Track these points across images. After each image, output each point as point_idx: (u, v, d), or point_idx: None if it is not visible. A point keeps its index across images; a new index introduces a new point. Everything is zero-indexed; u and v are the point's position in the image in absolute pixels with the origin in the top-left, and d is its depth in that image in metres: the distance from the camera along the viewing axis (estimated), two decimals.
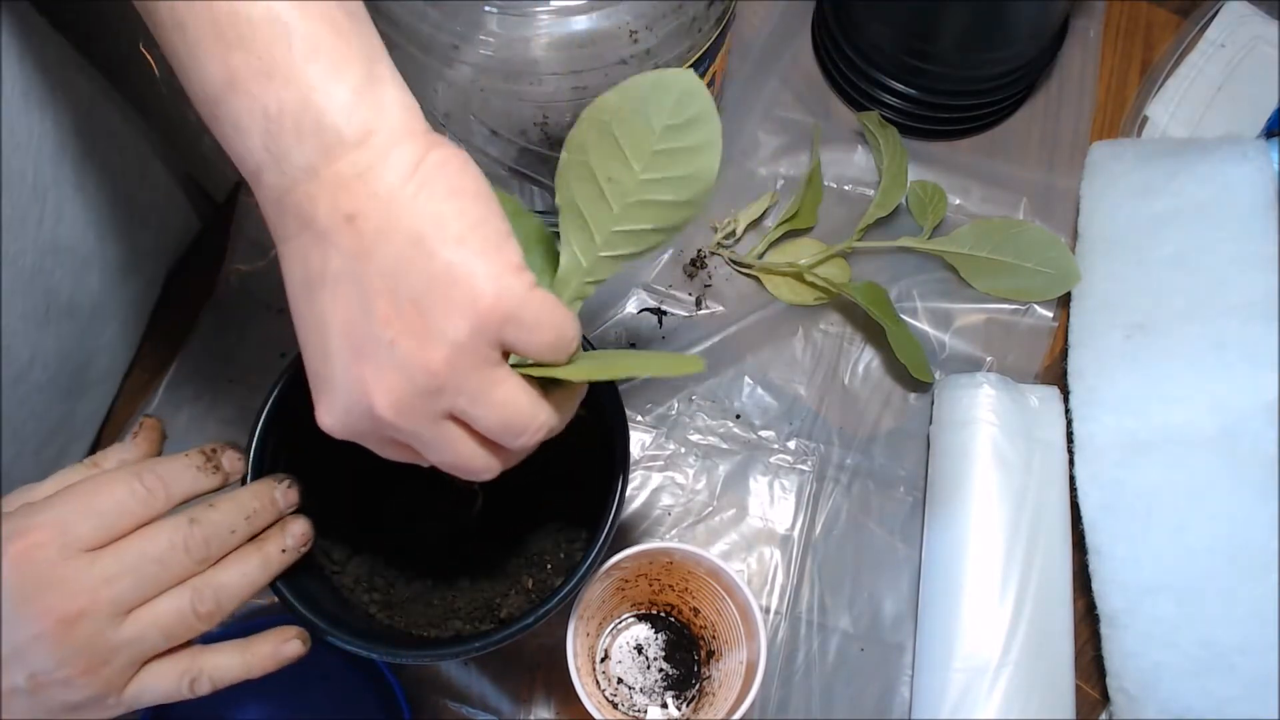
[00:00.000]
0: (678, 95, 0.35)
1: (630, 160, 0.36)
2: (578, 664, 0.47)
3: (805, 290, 0.62)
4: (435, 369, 0.33)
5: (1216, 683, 0.50)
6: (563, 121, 0.50)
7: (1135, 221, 0.60)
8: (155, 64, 0.36)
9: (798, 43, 0.69)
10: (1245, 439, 0.52)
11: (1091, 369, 0.57)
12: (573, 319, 0.36)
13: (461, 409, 0.34)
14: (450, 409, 0.34)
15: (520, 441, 0.35)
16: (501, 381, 0.34)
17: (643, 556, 0.48)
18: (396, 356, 0.33)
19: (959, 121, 0.65)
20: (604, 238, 0.37)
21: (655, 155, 0.35)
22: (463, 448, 0.35)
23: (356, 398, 0.34)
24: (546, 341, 0.34)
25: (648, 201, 0.36)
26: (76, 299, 0.51)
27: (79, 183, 0.49)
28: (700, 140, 0.35)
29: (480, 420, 0.34)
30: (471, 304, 0.32)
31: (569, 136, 0.36)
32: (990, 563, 0.52)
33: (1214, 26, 0.69)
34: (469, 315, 0.33)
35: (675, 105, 0.35)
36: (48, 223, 0.47)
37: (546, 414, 0.36)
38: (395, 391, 0.33)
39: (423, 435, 0.34)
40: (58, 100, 0.47)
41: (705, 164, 0.36)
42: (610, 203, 0.37)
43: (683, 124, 0.35)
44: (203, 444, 0.42)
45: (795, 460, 0.59)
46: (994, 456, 0.54)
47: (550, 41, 0.46)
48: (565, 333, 0.35)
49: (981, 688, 0.50)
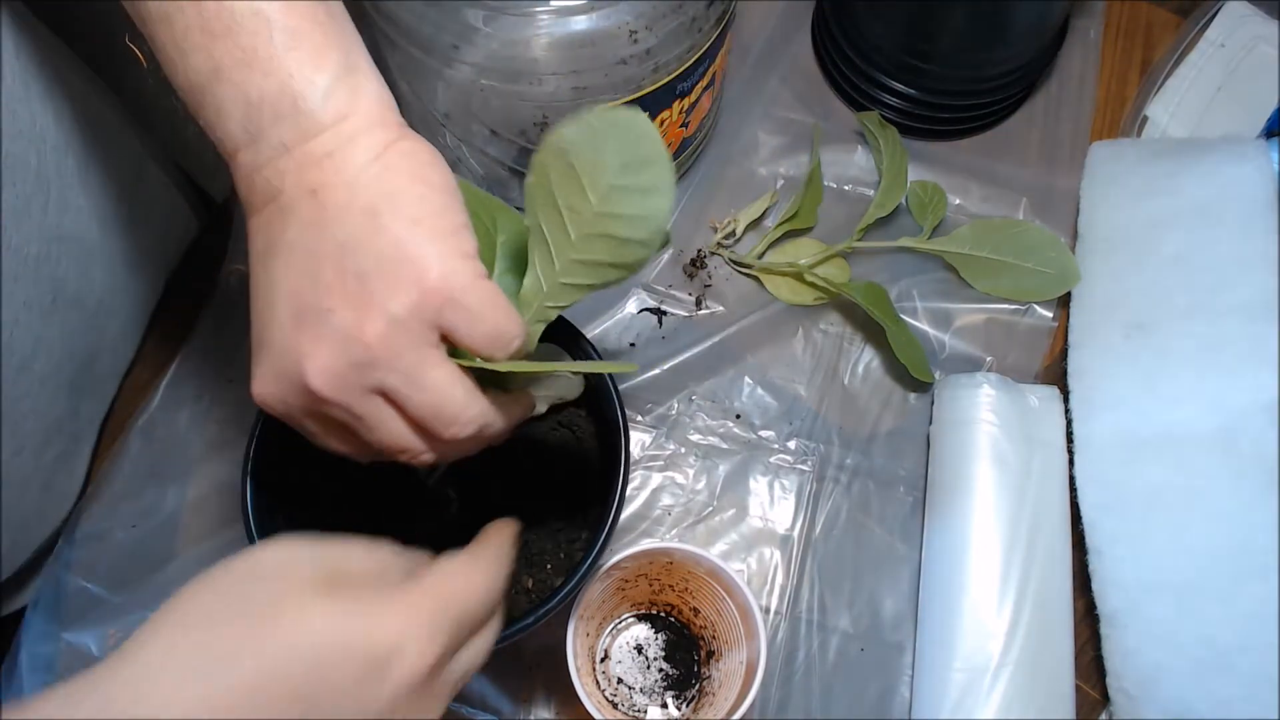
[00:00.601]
0: (630, 137, 0.35)
1: (587, 192, 0.36)
2: (578, 664, 0.47)
3: (805, 290, 0.62)
4: (370, 341, 0.33)
5: (1216, 683, 0.50)
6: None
7: (1135, 221, 0.60)
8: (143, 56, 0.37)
9: (798, 43, 0.69)
10: (1245, 439, 0.52)
11: (1091, 369, 0.57)
12: (517, 318, 0.36)
13: (393, 386, 0.34)
14: (381, 385, 0.34)
15: (451, 431, 0.35)
16: (436, 365, 0.35)
17: (643, 556, 0.48)
18: (334, 325, 0.33)
19: (959, 121, 0.65)
20: (563, 264, 0.38)
21: (610, 190, 0.35)
22: (394, 426, 0.35)
23: (290, 364, 0.34)
24: (485, 332, 0.35)
25: (603, 235, 0.36)
26: (82, 291, 0.51)
27: (82, 175, 0.50)
28: (652, 182, 0.35)
29: (411, 401, 0.35)
30: (415, 281, 0.33)
31: (534, 158, 0.36)
32: (990, 563, 0.52)
33: (1214, 26, 0.69)
34: (411, 292, 0.33)
35: (628, 146, 0.35)
36: (52, 211, 0.47)
37: (480, 408, 0.36)
38: (329, 360, 0.34)
39: (353, 409, 0.35)
40: (56, 93, 0.48)
41: (657, 205, 0.36)
42: (569, 230, 0.37)
43: (635, 163, 0.35)
44: (202, 442, 0.42)
45: (795, 460, 0.59)
46: (994, 456, 0.54)
47: (550, 41, 0.46)
48: (505, 328, 0.35)
49: (981, 688, 0.50)
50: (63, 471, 0.55)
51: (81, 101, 0.49)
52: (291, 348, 0.34)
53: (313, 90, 0.34)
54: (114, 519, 0.57)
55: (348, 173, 0.34)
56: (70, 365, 0.52)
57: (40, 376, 0.49)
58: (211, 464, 0.58)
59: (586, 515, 0.49)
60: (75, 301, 0.51)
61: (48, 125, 0.47)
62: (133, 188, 0.55)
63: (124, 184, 0.54)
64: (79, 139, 0.49)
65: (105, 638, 0.54)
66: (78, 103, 0.49)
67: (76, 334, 0.52)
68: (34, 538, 0.55)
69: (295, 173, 0.34)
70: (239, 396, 0.59)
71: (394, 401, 0.35)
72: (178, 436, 0.58)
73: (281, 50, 0.33)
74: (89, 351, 0.54)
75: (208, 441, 0.58)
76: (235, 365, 0.60)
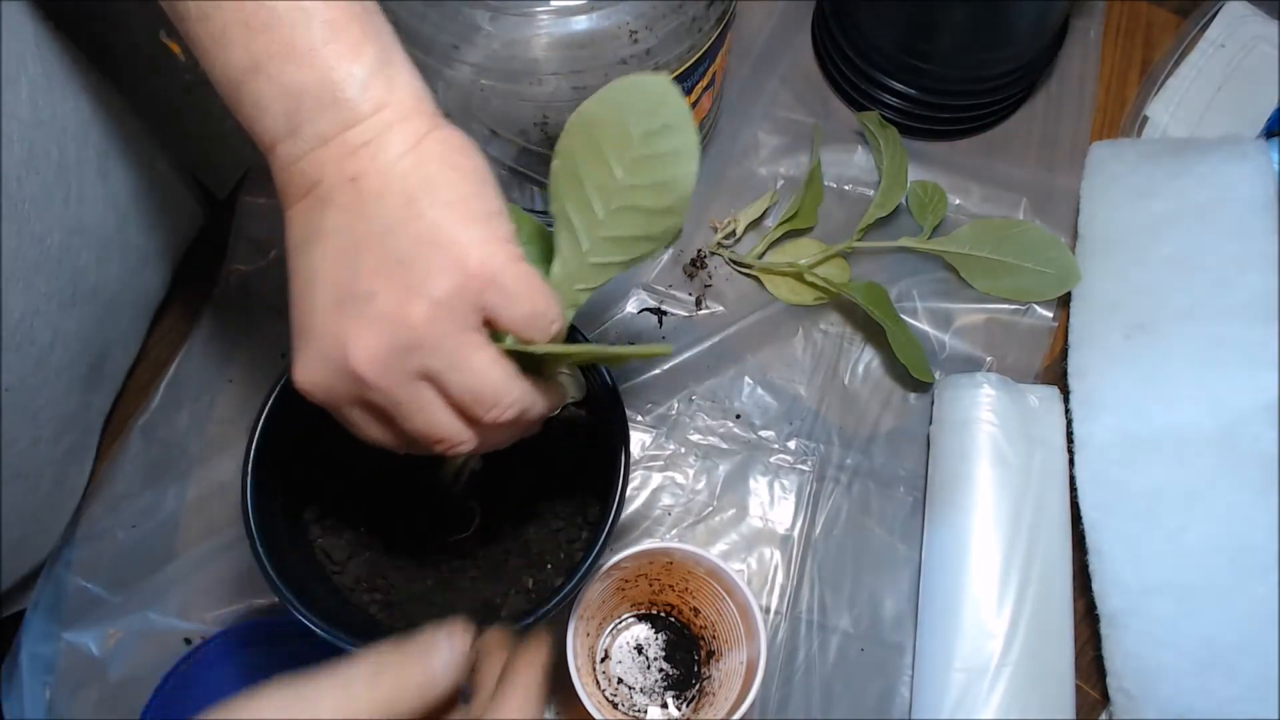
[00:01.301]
0: (653, 101, 0.36)
1: (613, 165, 0.36)
2: (578, 664, 0.47)
3: (805, 290, 0.62)
4: (414, 324, 0.34)
5: (1217, 683, 0.50)
6: (562, 121, 0.50)
7: (1135, 221, 0.60)
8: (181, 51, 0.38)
9: (798, 43, 0.69)
10: (1245, 439, 0.52)
11: (1091, 369, 0.57)
12: (554, 300, 0.36)
13: (437, 370, 0.35)
14: (425, 368, 0.35)
15: (493, 414, 0.36)
16: (479, 348, 0.35)
17: (643, 556, 0.48)
18: (378, 309, 0.34)
19: (959, 121, 0.65)
20: (591, 244, 0.38)
21: (635, 161, 0.36)
22: (436, 414, 0.36)
23: (334, 349, 0.34)
24: (525, 312, 0.35)
25: (630, 207, 0.37)
26: (99, 284, 0.51)
27: (100, 167, 0.50)
28: (676, 146, 0.36)
29: (454, 384, 0.35)
30: (456, 264, 0.34)
31: (558, 143, 0.37)
32: (990, 563, 0.52)
33: (1214, 26, 0.69)
34: (453, 275, 0.34)
35: (651, 111, 0.36)
36: (73, 202, 0.48)
37: (521, 390, 0.36)
38: (373, 344, 0.34)
39: (396, 394, 0.35)
40: (75, 85, 0.48)
41: (682, 171, 0.36)
42: (596, 208, 0.37)
43: (659, 129, 0.36)
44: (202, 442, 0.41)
45: (795, 460, 0.59)
46: (994, 456, 0.54)
47: (550, 41, 0.46)
48: (544, 310, 0.36)
49: (981, 688, 0.50)
50: (74, 465, 0.55)
51: (97, 93, 0.50)
52: (335, 333, 0.34)
53: (351, 82, 0.34)
54: (114, 519, 0.57)
55: (384, 160, 0.34)
56: (85, 358, 0.52)
57: (57, 369, 0.49)
58: (211, 464, 0.58)
59: (586, 515, 0.49)
60: (93, 294, 0.51)
61: (68, 116, 0.47)
62: (147, 180, 0.55)
63: (139, 176, 0.54)
64: (97, 130, 0.50)
65: (105, 638, 0.54)
66: (94, 94, 0.49)
67: (92, 327, 0.52)
68: (46, 536, 0.55)
69: (334, 162, 0.34)
70: (239, 396, 0.59)
71: (437, 386, 0.35)
72: (178, 436, 0.58)
73: (320, 43, 0.34)
74: (103, 345, 0.54)
75: (208, 441, 0.58)
76: (235, 365, 0.60)
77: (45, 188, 0.45)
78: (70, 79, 0.47)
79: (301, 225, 0.36)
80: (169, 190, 0.58)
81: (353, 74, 0.34)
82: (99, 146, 0.50)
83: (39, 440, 0.49)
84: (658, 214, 0.37)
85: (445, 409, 0.36)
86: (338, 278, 0.34)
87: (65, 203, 0.47)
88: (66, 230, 0.47)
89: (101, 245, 0.51)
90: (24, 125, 0.43)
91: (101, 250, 0.51)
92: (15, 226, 0.43)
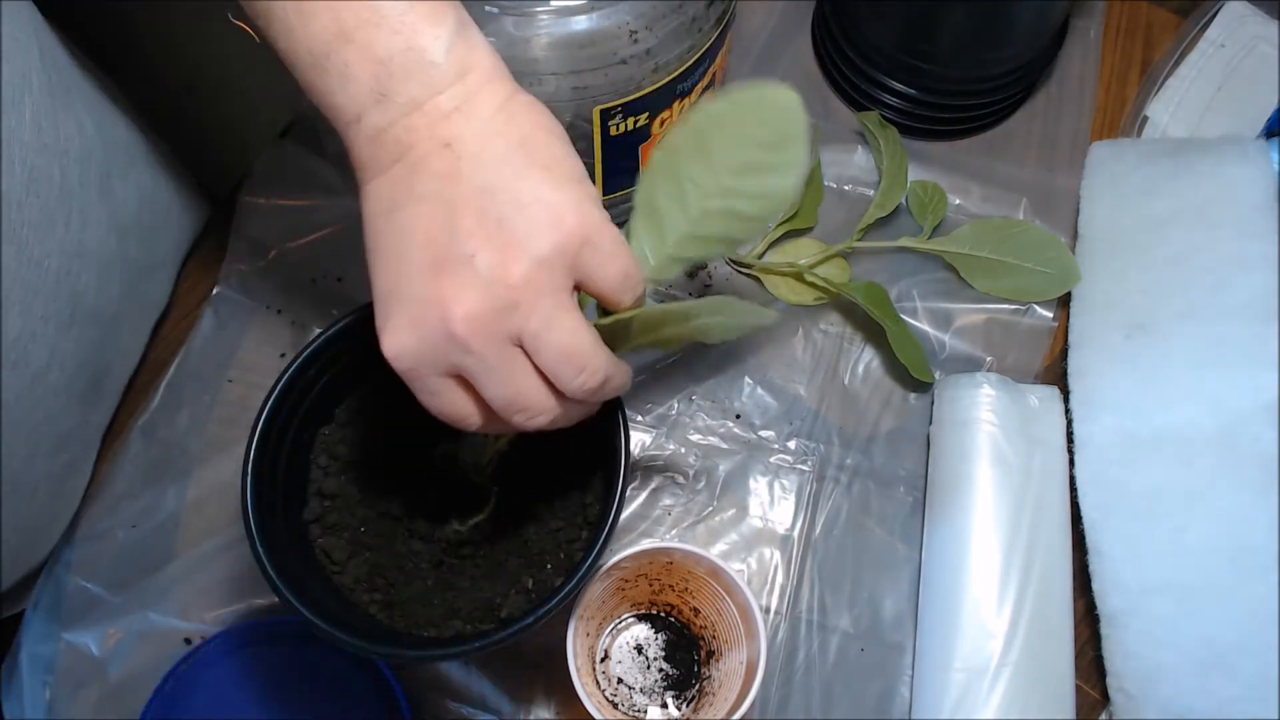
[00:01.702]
0: (775, 112, 0.36)
1: (718, 168, 0.37)
2: (578, 664, 0.47)
3: (805, 290, 0.62)
4: (514, 283, 0.34)
5: (1217, 683, 0.50)
6: (563, 121, 0.50)
7: (1135, 221, 0.60)
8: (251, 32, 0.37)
9: (798, 43, 0.69)
10: (1245, 439, 0.52)
11: (1091, 369, 0.57)
12: (639, 264, 0.37)
13: (532, 331, 0.35)
14: (521, 330, 0.35)
15: (580, 379, 0.36)
16: (572, 310, 0.36)
17: (643, 556, 0.48)
18: (478, 269, 0.34)
19: (959, 121, 0.65)
20: (676, 240, 0.39)
21: (742, 167, 0.37)
22: (526, 379, 0.36)
23: (431, 312, 0.34)
24: (617, 271, 0.36)
25: (725, 211, 0.38)
26: (99, 305, 0.51)
27: (102, 187, 0.49)
28: (786, 160, 0.37)
29: (547, 346, 0.35)
30: (556, 223, 0.34)
31: (665, 138, 0.38)
32: (990, 563, 0.52)
33: (1214, 26, 0.69)
34: (553, 233, 0.34)
35: (770, 122, 0.36)
36: (74, 226, 0.47)
37: (607, 357, 0.37)
38: (473, 304, 0.34)
39: (491, 358, 0.35)
40: (78, 103, 0.47)
41: (785, 184, 0.37)
42: (691, 205, 0.38)
43: (774, 140, 0.36)
44: (202, 442, 0.41)
45: (795, 460, 0.59)
46: (994, 456, 0.54)
47: (550, 41, 0.46)
48: (633, 269, 0.37)
49: (981, 688, 0.50)
50: (72, 478, 0.55)
51: (100, 110, 0.49)
52: (433, 296, 0.34)
53: (437, 46, 0.34)
54: (114, 519, 0.57)
55: (477, 123, 0.35)
56: (83, 377, 0.52)
57: (54, 388, 0.49)
58: (211, 464, 0.58)
59: (586, 515, 0.49)
60: (92, 314, 0.50)
61: (71, 137, 0.46)
62: (149, 191, 0.55)
63: (141, 190, 0.54)
64: (100, 149, 0.49)
65: (105, 638, 0.54)
66: (97, 111, 0.49)
67: (92, 346, 0.51)
68: (42, 544, 0.55)
69: (426, 128, 0.35)
70: (239, 396, 0.59)
71: (529, 349, 0.35)
72: (178, 436, 0.58)
73: (405, 8, 0.34)
74: (102, 362, 0.54)
75: (208, 441, 0.58)
76: (235, 365, 0.60)
77: (46, 211, 0.45)
78: (73, 94, 0.47)
79: (387, 193, 0.36)
80: (171, 197, 0.58)
81: (438, 38, 0.34)
82: (101, 166, 0.49)
83: (34, 457, 0.49)
84: (749, 220, 0.38)
85: (534, 375, 0.36)
86: (434, 240, 0.34)
87: (66, 226, 0.47)
88: (66, 254, 0.47)
89: (102, 266, 0.50)
90: (26, 148, 0.43)
91: (102, 271, 0.51)
92: (14, 250, 0.43)
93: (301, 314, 0.61)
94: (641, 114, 0.51)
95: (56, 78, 0.46)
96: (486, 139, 0.35)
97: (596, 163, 0.54)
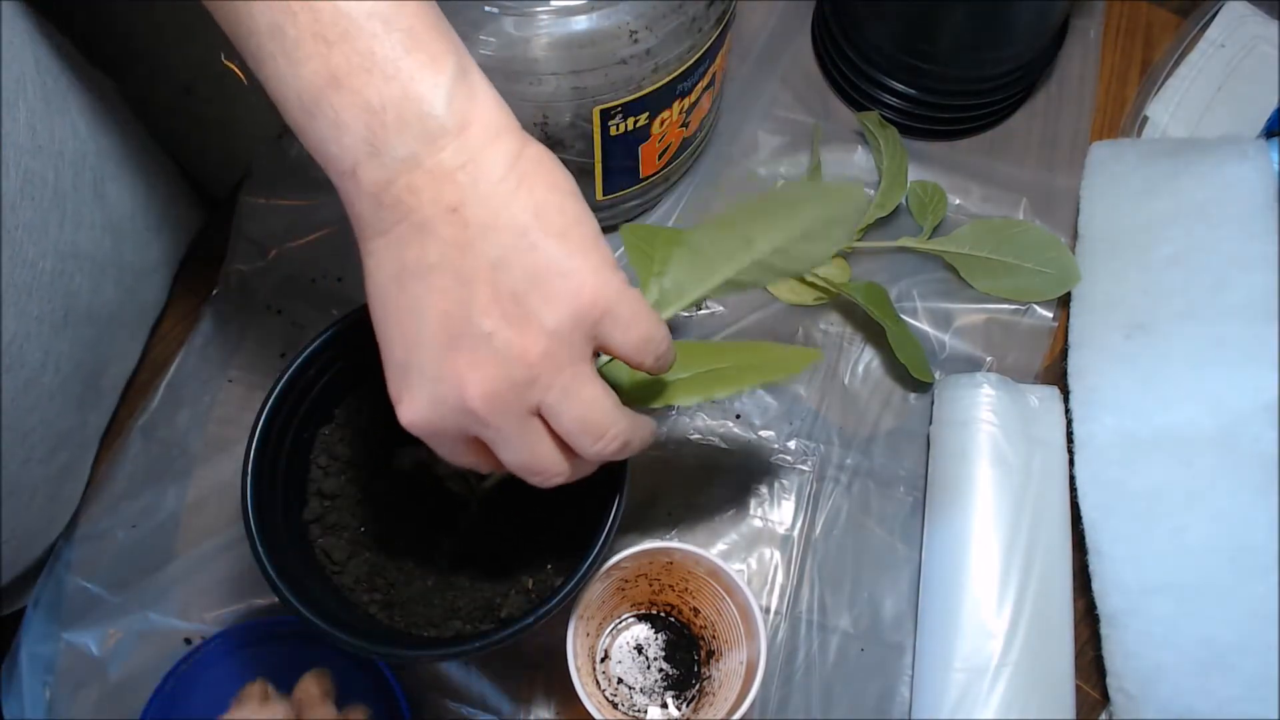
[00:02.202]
0: (846, 198, 0.39)
1: (779, 236, 0.39)
2: (578, 664, 0.47)
3: (805, 290, 0.62)
4: (532, 359, 0.33)
5: (1217, 683, 0.50)
6: (562, 121, 0.50)
7: (1135, 221, 0.60)
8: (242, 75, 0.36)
9: (798, 43, 0.69)
10: (1245, 439, 0.52)
11: (1091, 369, 0.57)
12: (663, 325, 0.37)
13: (551, 404, 0.34)
14: (540, 403, 0.34)
15: (597, 447, 0.36)
16: (591, 379, 0.35)
17: (643, 556, 0.48)
18: (495, 346, 0.33)
19: (959, 121, 0.65)
20: (716, 282, 0.40)
21: (803, 234, 0.39)
22: (541, 447, 0.36)
23: (448, 388, 0.34)
24: (639, 338, 0.35)
25: (764, 264, 0.39)
26: (94, 306, 0.51)
27: (97, 190, 0.49)
28: (835, 235, 0.39)
29: (565, 416, 0.35)
30: (573, 295, 0.33)
31: (737, 206, 0.39)
32: (990, 563, 0.52)
33: (1214, 26, 0.69)
34: (570, 306, 0.33)
35: (839, 204, 0.39)
36: (68, 227, 0.47)
37: (627, 421, 0.36)
38: (490, 382, 0.33)
39: (506, 430, 0.35)
40: (73, 105, 0.47)
41: (826, 252, 0.40)
42: (741, 260, 0.39)
43: (835, 218, 0.39)
44: (202, 442, 0.41)
45: (795, 460, 0.59)
46: (994, 456, 0.54)
47: (550, 41, 0.46)
48: (655, 334, 0.36)
49: (981, 688, 0.50)
50: (69, 480, 0.55)
51: (95, 112, 0.49)
52: (449, 373, 0.34)
53: (436, 93, 0.32)
54: (114, 519, 0.57)
55: (485, 186, 0.33)
56: (79, 378, 0.51)
57: (49, 391, 0.49)
58: (211, 464, 0.58)
59: (588, 516, 0.49)
60: (87, 316, 0.50)
61: (66, 139, 0.46)
62: (144, 194, 0.55)
63: (136, 193, 0.54)
64: (95, 152, 0.49)
65: (105, 638, 0.54)
66: (92, 113, 0.49)
67: (87, 347, 0.51)
68: (38, 544, 0.54)
69: (431, 189, 0.33)
70: (239, 396, 0.59)
71: (547, 418, 0.35)
72: (178, 436, 0.58)
73: (401, 53, 0.32)
74: (98, 363, 0.54)
75: (208, 441, 0.58)
76: (235, 365, 0.60)
77: (40, 214, 0.45)
78: (69, 97, 0.47)
79: (394, 258, 0.34)
80: (168, 200, 0.58)
81: (437, 85, 0.32)
82: (96, 169, 0.49)
83: (30, 460, 0.49)
84: (779, 273, 0.40)
85: (549, 441, 0.36)
86: (448, 315, 0.33)
87: (60, 228, 0.46)
88: (60, 255, 0.47)
89: (97, 268, 0.50)
90: (20, 151, 0.43)
91: (97, 273, 0.50)
92: (8, 252, 0.43)
93: (301, 314, 0.61)
94: (641, 114, 0.51)
95: (52, 82, 0.46)
96: (497, 206, 0.33)
97: (596, 163, 0.54)
